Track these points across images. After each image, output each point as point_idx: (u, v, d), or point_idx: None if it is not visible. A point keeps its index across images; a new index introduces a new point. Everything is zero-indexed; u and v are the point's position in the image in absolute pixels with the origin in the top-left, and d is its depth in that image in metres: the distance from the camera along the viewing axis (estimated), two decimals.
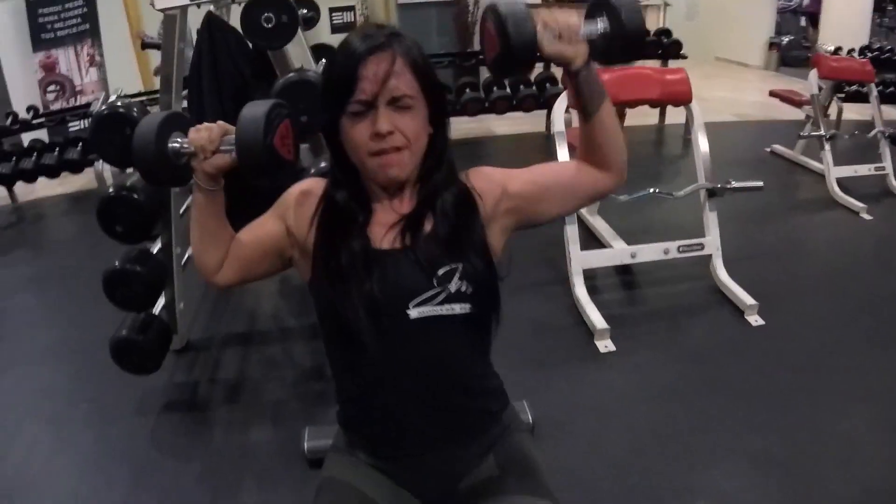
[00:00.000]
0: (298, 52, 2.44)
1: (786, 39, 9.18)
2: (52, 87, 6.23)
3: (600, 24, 1.01)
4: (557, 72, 5.02)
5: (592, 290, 2.91)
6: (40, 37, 6.12)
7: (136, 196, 2.21)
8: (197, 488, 2.11)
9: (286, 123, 1.03)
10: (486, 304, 1.06)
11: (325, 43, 3.50)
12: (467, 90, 5.23)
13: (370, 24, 1.09)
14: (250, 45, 2.31)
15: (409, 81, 0.98)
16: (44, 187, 5.61)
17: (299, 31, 2.54)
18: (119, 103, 2.06)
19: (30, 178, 5.14)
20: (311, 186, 1.11)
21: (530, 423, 2.08)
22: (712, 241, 2.95)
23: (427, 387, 1.06)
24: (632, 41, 1.00)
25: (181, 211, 2.66)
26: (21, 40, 6.24)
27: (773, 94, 5.16)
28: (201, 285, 3.45)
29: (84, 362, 2.74)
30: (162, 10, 2.10)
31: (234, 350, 2.92)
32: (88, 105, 5.44)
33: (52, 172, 5.18)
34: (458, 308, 1.02)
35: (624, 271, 3.21)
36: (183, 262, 2.75)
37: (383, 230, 1.04)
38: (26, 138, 5.55)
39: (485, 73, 6.00)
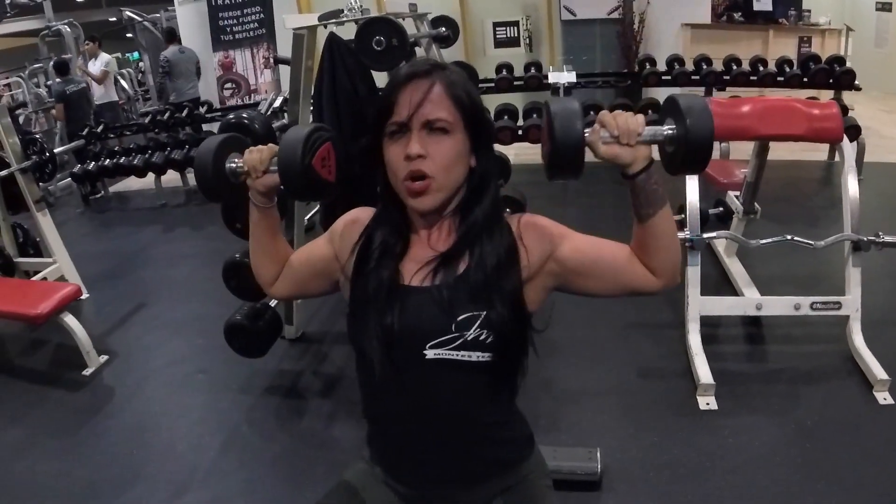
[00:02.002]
0: None
1: None
2: (228, 85, 6.91)
3: (667, 129, 0.96)
4: None
5: (710, 339, 2.69)
6: (220, 38, 6.79)
7: None
8: (272, 469, 2.28)
9: (327, 146, 1.07)
10: (508, 355, 1.01)
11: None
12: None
13: (421, 58, 1.10)
14: None
15: (446, 108, 0.97)
16: None
17: (434, 48, 2.64)
18: (245, 114, 2.24)
19: None
20: (359, 216, 1.13)
21: (598, 472, 1.98)
22: (852, 302, 2.58)
23: (437, 428, 1.04)
24: (697, 149, 0.94)
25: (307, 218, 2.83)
26: (203, 40, 6.98)
27: None
28: None
29: (210, 337, 3.02)
30: (293, 30, 2.25)
31: (342, 346, 3.06)
32: (258, 103, 5.98)
33: None
34: (476, 356, 0.99)
35: (750, 322, 2.92)
36: None
37: (416, 266, 1.04)
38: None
39: (645, 95, 5.77)
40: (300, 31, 2.26)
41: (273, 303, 2.84)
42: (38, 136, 4.80)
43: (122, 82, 8.59)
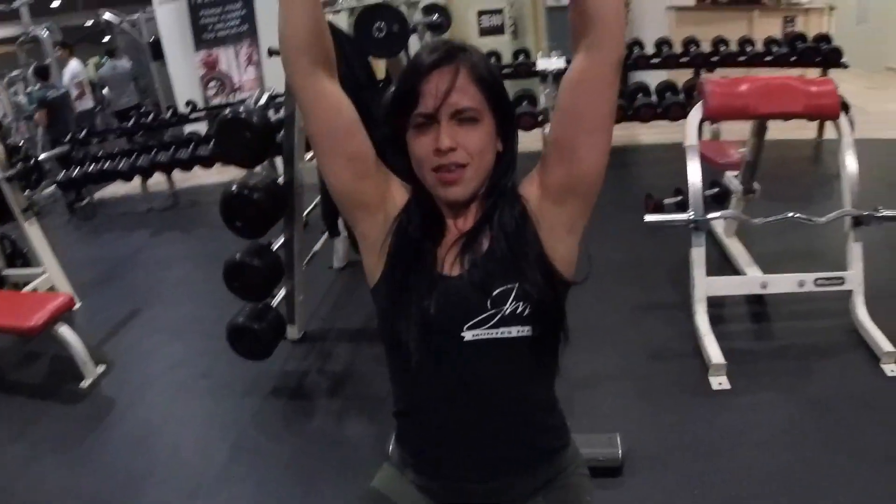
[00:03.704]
0: None
1: None
2: (212, 84, 6.82)
3: None
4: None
5: (717, 319, 2.68)
6: (202, 37, 6.70)
7: (255, 195, 2.35)
8: (284, 471, 2.24)
9: None
10: (547, 325, 0.98)
11: None
12: None
13: (440, 40, 1.06)
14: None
15: (473, 95, 0.94)
16: (200, 176, 6.16)
17: (427, 36, 2.61)
18: (241, 108, 2.19)
19: (186, 166, 5.62)
20: (403, 192, 1.06)
21: (619, 457, 1.96)
22: (854, 276, 2.59)
23: (477, 414, 1.01)
24: None
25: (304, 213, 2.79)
26: (184, 39, 6.88)
27: None
28: (325, 281, 3.66)
29: (211, 340, 2.96)
30: None
31: (346, 344, 3.04)
32: (244, 101, 5.89)
33: (207, 163, 5.58)
34: (516, 331, 0.96)
35: (755, 300, 2.92)
36: (306, 260, 2.88)
37: (447, 253, 1.01)
38: (188, 130, 6.12)
39: (631, 80, 5.76)
40: None
41: (275, 303, 2.79)
42: (21, 143, 4.71)
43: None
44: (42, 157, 4.53)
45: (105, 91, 7.89)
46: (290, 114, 2.40)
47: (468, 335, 0.96)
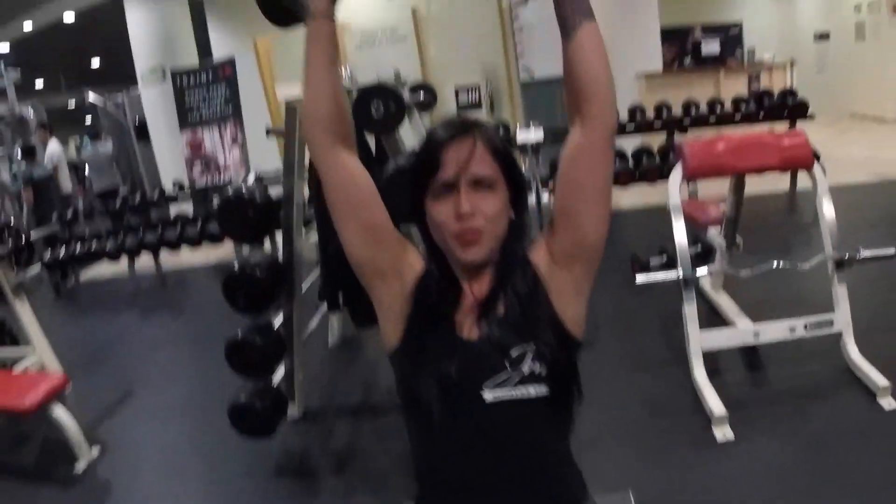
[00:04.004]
0: (413, 136, 2.57)
1: None
2: (197, 165, 6.90)
3: None
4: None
5: (713, 370, 2.72)
6: (187, 118, 6.83)
7: (257, 274, 2.39)
8: None
9: None
10: (563, 384, 1.03)
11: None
12: None
13: (455, 116, 1.14)
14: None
15: (490, 164, 1.01)
16: (187, 256, 6.17)
17: (416, 113, 2.73)
18: (243, 187, 2.25)
19: (174, 246, 5.64)
20: (420, 261, 1.11)
21: None
22: (842, 317, 2.68)
23: (497, 470, 1.03)
24: None
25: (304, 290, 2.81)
26: (169, 121, 7.02)
27: None
28: (322, 357, 3.65)
29: (206, 421, 2.93)
30: (285, 101, 2.31)
31: (347, 420, 3.00)
32: (230, 182, 5.98)
33: (195, 243, 5.63)
34: (534, 391, 1.00)
35: (748, 349, 2.98)
36: (305, 337, 2.88)
37: (465, 319, 1.05)
38: (173, 210, 6.17)
39: None
40: (293, 102, 2.31)
41: (276, 381, 2.77)
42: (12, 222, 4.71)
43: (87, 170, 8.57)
44: (34, 236, 4.52)
45: (87, 172, 7.96)
46: (288, 192, 2.47)
47: (488, 395, 1.00)
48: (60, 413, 2.81)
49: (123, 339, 4.68)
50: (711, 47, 7.90)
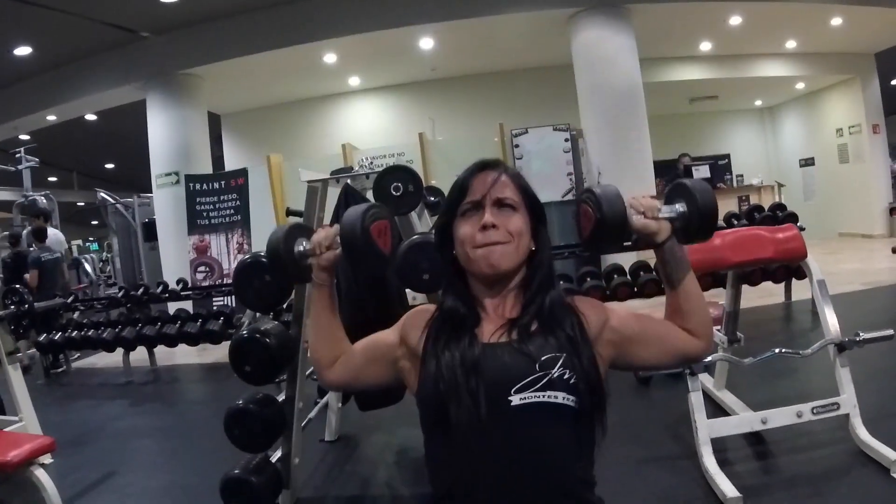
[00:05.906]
0: (424, 226, 2.68)
1: None
2: (202, 268, 7.00)
3: (678, 206, 1.17)
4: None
5: (723, 463, 2.66)
6: (196, 222, 7.03)
7: (267, 340, 2.39)
8: None
9: (385, 222, 1.23)
10: (590, 400, 1.05)
11: None
12: (588, 279, 5.24)
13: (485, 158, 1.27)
14: None
15: (513, 190, 1.15)
16: (182, 356, 6.09)
17: (426, 213, 2.86)
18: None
19: (171, 342, 5.56)
20: (428, 307, 1.24)
21: None
22: (848, 399, 2.68)
23: (525, 481, 1.02)
24: (706, 219, 1.15)
25: (307, 373, 2.81)
26: (179, 223, 7.22)
27: None
28: (318, 450, 3.54)
29: None
30: (307, 183, 2.44)
31: None
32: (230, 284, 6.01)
33: (193, 340, 5.55)
34: (562, 397, 1.02)
35: (756, 441, 2.93)
36: (304, 423, 2.82)
37: (491, 329, 1.11)
38: (172, 308, 6.16)
39: (605, 262, 6.11)
40: (314, 184, 2.44)
41: (274, 458, 2.68)
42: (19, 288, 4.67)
43: (87, 266, 8.66)
44: (38, 305, 4.51)
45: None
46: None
47: (515, 399, 1.01)
48: (41, 476, 2.69)
49: (110, 425, 4.52)
50: (703, 172, 8.36)
